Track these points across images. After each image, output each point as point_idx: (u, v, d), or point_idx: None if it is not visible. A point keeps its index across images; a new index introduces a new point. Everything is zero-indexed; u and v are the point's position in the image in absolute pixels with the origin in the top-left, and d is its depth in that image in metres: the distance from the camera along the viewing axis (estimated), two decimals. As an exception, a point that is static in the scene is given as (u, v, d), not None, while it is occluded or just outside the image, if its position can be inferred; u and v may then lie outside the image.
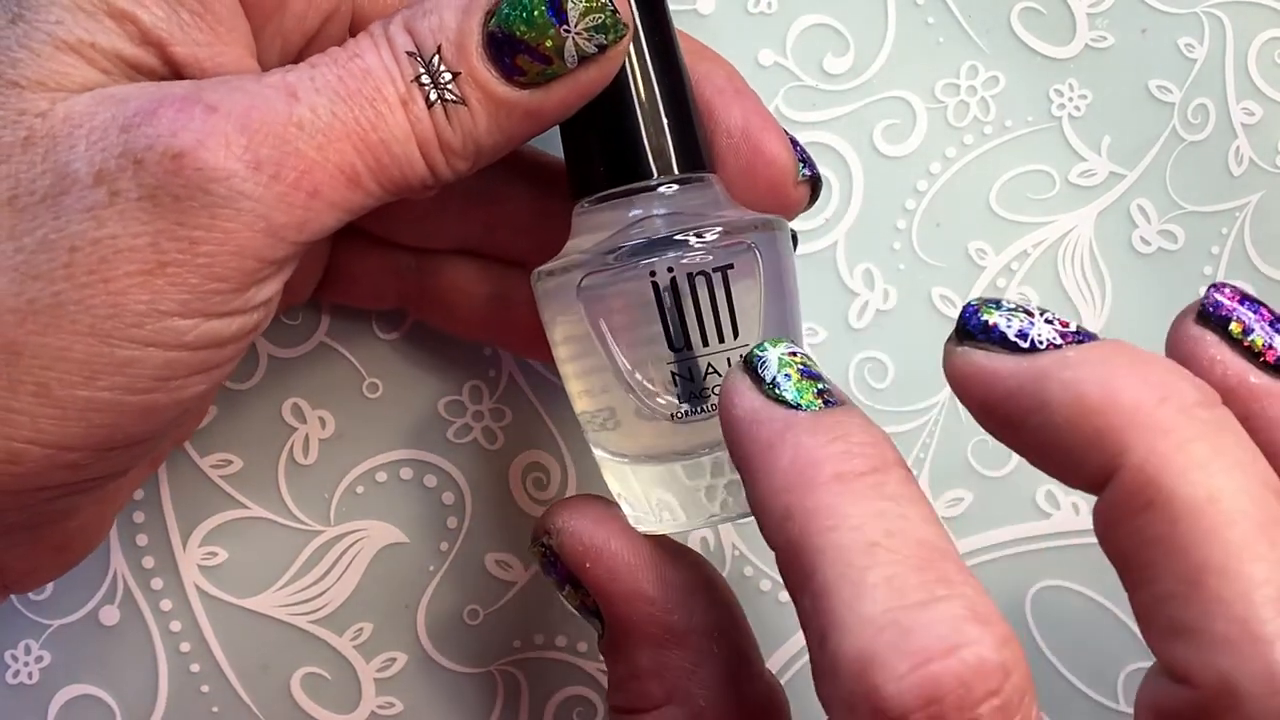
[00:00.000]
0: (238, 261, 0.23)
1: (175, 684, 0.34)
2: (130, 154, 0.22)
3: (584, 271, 0.26)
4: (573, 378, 0.27)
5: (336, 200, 0.23)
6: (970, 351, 0.22)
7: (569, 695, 0.35)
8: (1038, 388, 0.21)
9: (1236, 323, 0.23)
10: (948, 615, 0.19)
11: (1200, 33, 0.37)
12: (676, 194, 0.26)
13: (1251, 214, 0.37)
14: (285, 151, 0.23)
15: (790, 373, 0.23)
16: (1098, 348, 0.21)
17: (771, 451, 0.22)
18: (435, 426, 0.35)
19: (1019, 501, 0.36)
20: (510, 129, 0.25)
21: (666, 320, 0.26)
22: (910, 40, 0.36)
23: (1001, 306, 0.22)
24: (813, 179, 0.29)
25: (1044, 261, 0.37)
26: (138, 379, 0.23)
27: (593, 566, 0.27)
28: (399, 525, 0.35)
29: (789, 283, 0.27)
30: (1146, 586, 0.20)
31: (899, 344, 0.36)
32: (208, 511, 0.34)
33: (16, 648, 0.34)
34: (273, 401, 0.34)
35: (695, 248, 0.25)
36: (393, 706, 0.35)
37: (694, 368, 0.26)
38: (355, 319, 0.35)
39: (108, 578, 0.34)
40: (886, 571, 0.20)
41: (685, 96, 0.27)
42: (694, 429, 0.26)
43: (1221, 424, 0.20)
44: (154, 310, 0.22)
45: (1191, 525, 0.19)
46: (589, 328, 0.26)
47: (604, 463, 0.28)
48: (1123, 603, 0.36)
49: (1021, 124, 0.37)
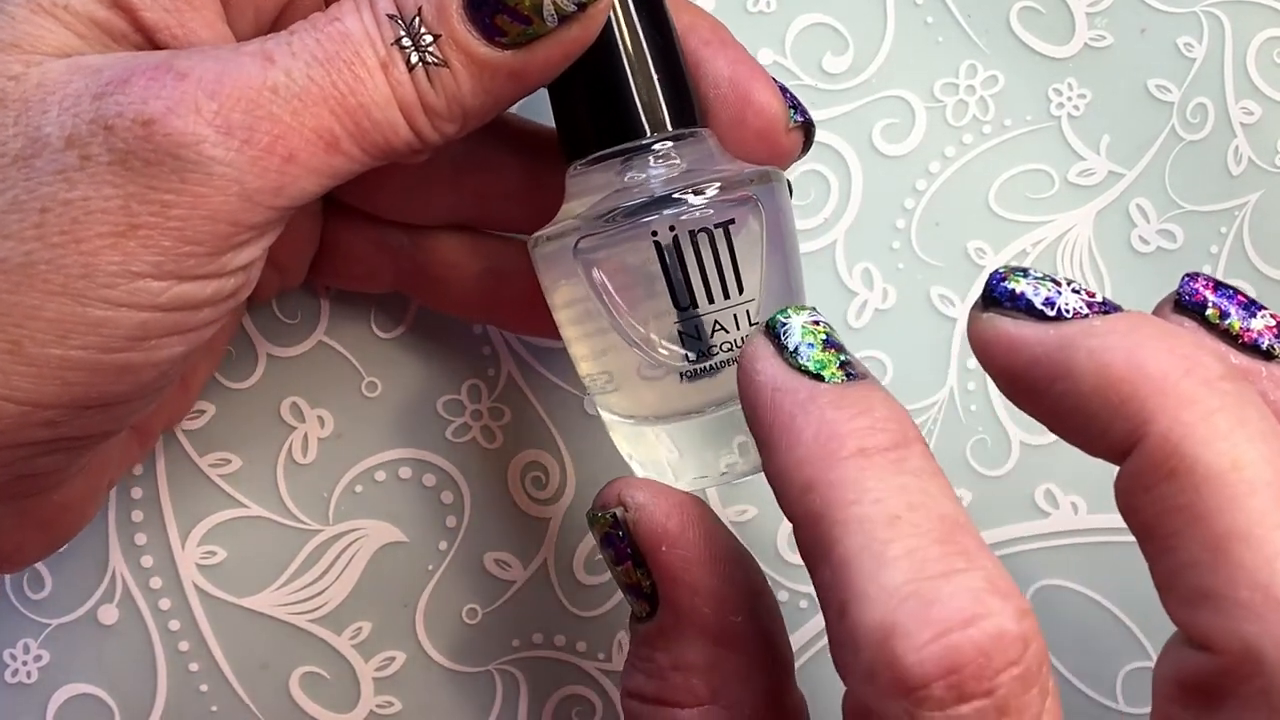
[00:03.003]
0: (211, 226, 0.23)
1: (174, 683, 0.34)
2: (101, 120, 0.22)
3: (582, 234, 0.26)
4: (576, 341, 0.27)
5: (315, 165, 0.24)
6: (995, 318, 0.22)
7: (568, 694, 0.35)
8: (1063, 355, 0.21)
9: (1213, 309, 0.23)
10: (968, 587, 0.19)
11: (1199, 32, 0.37)
12: (671, 150, 0.26)
13: (1250, 213, 0.37)
14: (258, 116, 0.23)
15: (814, 341, 0.23)
16: (1124, 318, 0.22)
17: (794, 423, 0.22)
18: (434, 425, 0.35)
19: (1018, 501, 0.36)
20: (495, 90, 0.25)
21: (671, 279, 0.25)
22: (909, 39, 0.36)
23: (1028, 274, 0.22)
24: (805, 124, 0.29)
25: (1043, 261, 0.37)
26: (111, 339, 0.23)
27: (669, 550, 0.26)
28: (398, 524, 0.35)
29: (789, 234, 0.27)
30: (1169, 554, 0.20)
31: (898, 343, 0.36)
32: (206, 510, 0.34)
33: (15, 646, 0.34)
34: (271, 400, 0.34)
35: (695, 205, 0.25)
36: (391, 706, 0.35)
37: (700, 325, 0.26)
38: (354, 318, 0.35)
39: (106, 577, 0.34)
40: (908, 544, 0.20)
41: (674, 51, 0.27)
42: (701, 386, 0.26)
43: (1244, 396, 0.20)
44: (126, 271, 0.23)
45: (1215, 492, 0.19)
46: (590, 290, 0.26)
47: (612, 425, 0.28)
48: (1122, 602, 0.36)
49: (1020, 123, 0.37)
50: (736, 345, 0.26)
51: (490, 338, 0.35)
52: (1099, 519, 0.36)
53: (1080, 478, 0.36)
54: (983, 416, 0.36)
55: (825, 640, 0.35)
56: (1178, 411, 0.20)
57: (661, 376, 0.26)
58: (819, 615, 0.35)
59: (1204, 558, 0.19)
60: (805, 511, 0.21)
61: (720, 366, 0.26)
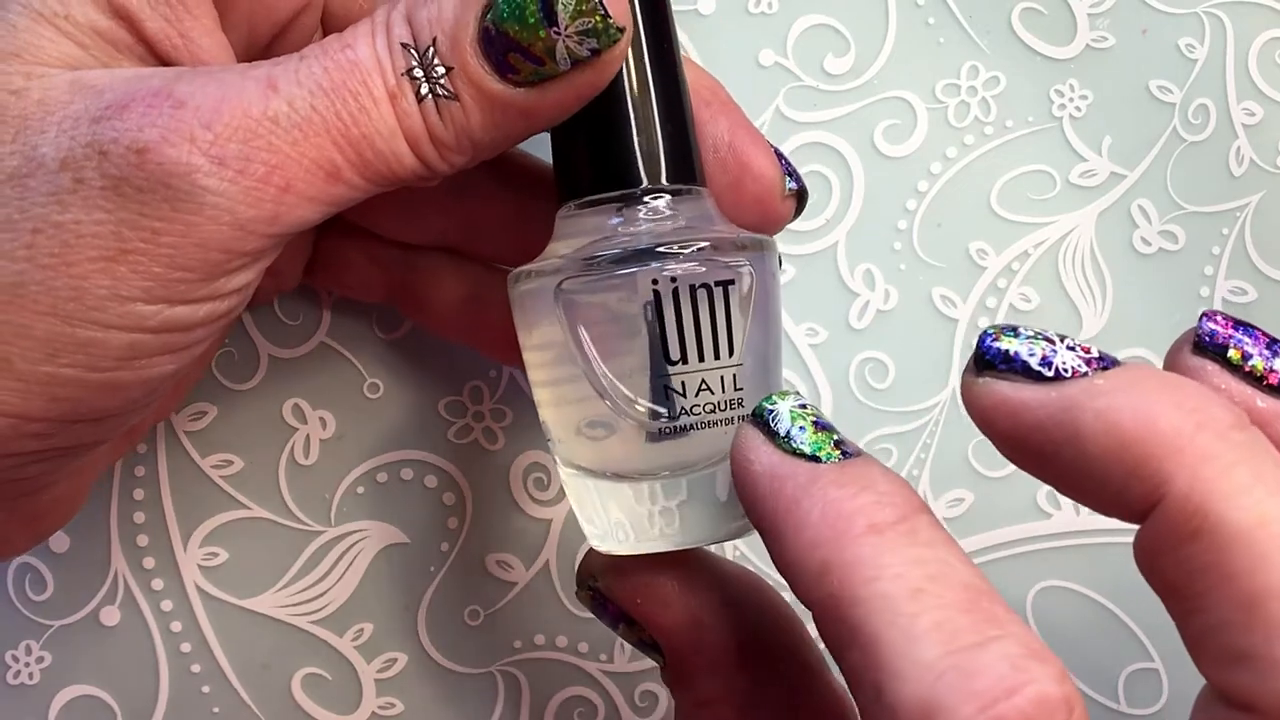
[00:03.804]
0: (202, 253, 0.23)
1: (176, 684, 0.34)
2: (97, 144, 0.22)
3: (565, 275, 0.25)
4: (544, 385, 0.27)
5: (313, 194, 0.23)
6: (992, 382, 0.22)
7: (570, 696, 0.35)
8: (1069, 418, 0.20)
9: (1235, 349, 0.22)
10: (1005, 654, 0.19)
11: (1201, 33, 0.37)
12: (668, 203, 0.26)
13: (1252, 214, 0.37)
14: (255, 146, 0.23)
15: (804, 424, 0.22)
16: (1126, 373, 0.21)
17: (799, 507, 0.21)
18: (436, 427, 0.35)
19: (1020, 502, 0.36)
20: (505, 127, 0.25)
21: (665, 332, 0.25)
22: (911, 40, 0.36)
23: (1020, 334, 0.22)
24: (799, 192, 0.29)
25: (1045, 262, 0.37)
26: (100, 358, 0.23)
27: (644, 601, 0.26)
28: (400, 526, 0.35)
29: (775, 303, 0.27)
30: (1199, 615, 0.20)
31: (900, 344, 0.36)
32: (208, 512, 0.34)
33: (17, 648, 0.34)
34: (273, 402, 0.34)
35: (693, 259, 0.25)
36: (393, 707, 0.35)
37: (686, 383, 0.25)
38: (356, 319, 0.35)
39: (108, 578, 0.34)
40: (936, 616, 0.19)
41: (682, 106, 0.26)
42: (665, 448, 0.25)
43: (1257, 445, 0.20)
44: (115, 295, 0.23)
45: (1244, 551, 0.19)
46: (567, 334, 0.25)
47: (568, 477, 0.27)
48: (1125, 603, 0.36)
49: (1022, 124, 0.37)
50: (718, 408, 0.25)
51: (492, 339, 0.35)
52: (1101, 520, 0.36)
53: (1082, 479, 0.36)
54: (984, 418, 0.36)
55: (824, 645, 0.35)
56: (1196, 469, 0.19)
57: (626, 432, 0.26)
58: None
59: (1237, 617, 0.19)
60: (824, 595, 0.20)
61: (689, 428, 0.25)
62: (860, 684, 0.20)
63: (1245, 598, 0.19)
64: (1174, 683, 0.36)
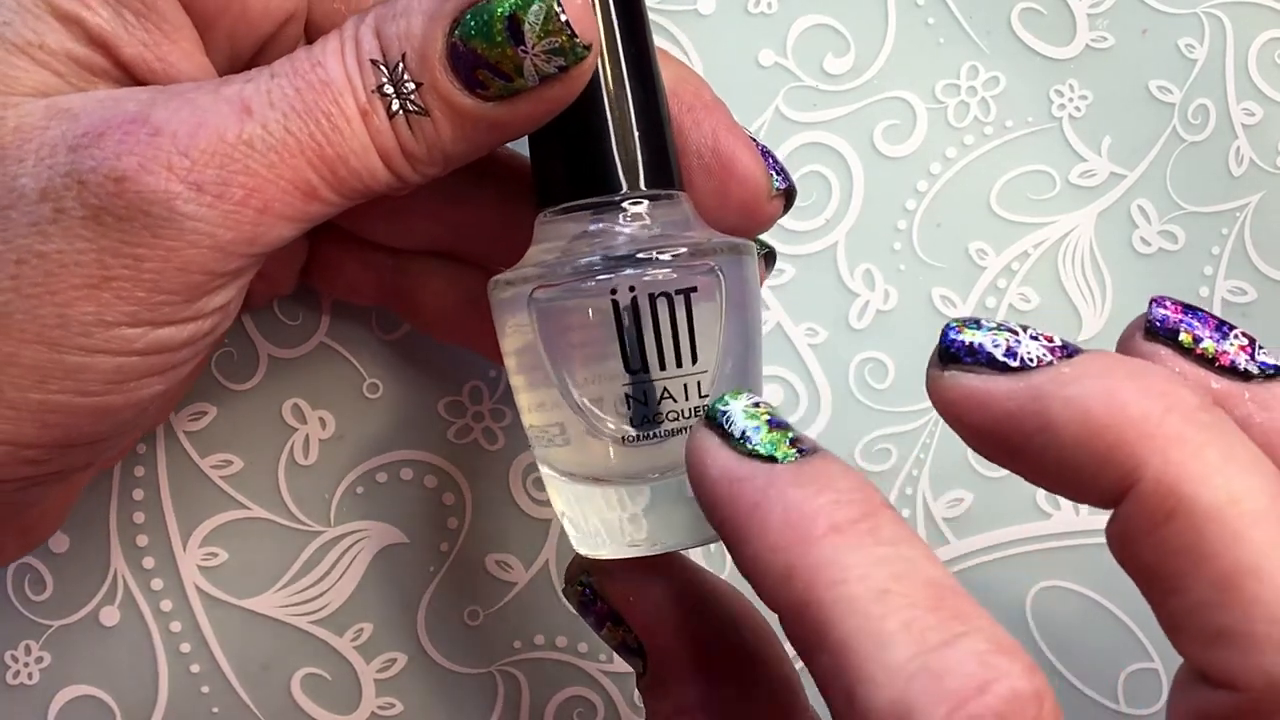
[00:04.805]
0: (184, 277, 0.23)
1: (175, 684, 0.34)
2: (75, 174, 0.22)
3: (538, 283, 0.25)
4: (521, 390, 0.27)
5: (290, 214, 0.24)
6: (958, 375, 0.21)
7: (569, 696, 0.35)
8: (1039, 407, 0.21)
9: (1185, 333, 0.22)
10: (973, 651, 0.19)
11: (1200, 33, 0.37)
12: (643, 211, 0.26)
13: (1252, 214, 0.37)
14: (232, 171, 0.23)
15: (759, 424, 0.22)
16: (1091, 360, 0.21)
17: (758, 510, 0.21)
18: (435, 427, 0.35)
19: (1019, 502, 0.36)
20: (476, 139, 0.25)
21: (624, 340, 0.25)
22: (911, 41, 0.36)
23: (983, 326, 0.22)
24: (786, 190, 0.29)
25: (1044, 262, 0.37)
26: (89, 383, 0.23)
27: (637, 600, 0.26)
28: (399, 526, 0.35)
29: (752, 309, 0.26)
30: (1176, 596, 0.20)
31: (899, 344, 0.36)
32: (208, 512, 0.34)
33: (17, 648, 0.34)
34: (273, 402, 0.34)
35: (657, 267, 0.25)
36: (393, 707, 0.35)
37: (649, 391, 0.25)
38: (356, 319, 0.35)
39: (108, 578, 0.34)
40: (903, 616, 0.19)
41: (659, 111, 0.26)
42: (644, 451, 0.25)
43: (1224, 425, 0.20)
44: (101, 320, 0.23)
45: (1219, 530, 0.19)
46: (538, 341, 0.25)
47: (548, 480, 0.27)
48: (1124, 603, 0.36)
49: (1022, 124, 0.37)
50: (683, 415, 0.25)
51: (492, 339, 0.35)
52: (1101, 520, 0.36)
53: (1082, 479, 0.36)
54: (984, 418, 0.36)
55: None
56: (1167, 452, 0.20)
57: (601, 438, 0.26)
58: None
59: (1215, 596, 0.19)
60: (789, 599, 0.20)
61: (664, 435, 0.25)
62: (831, 688, 0.20)
63: (1221, 577, 0.19)
64: (1174, 683, 0.36)
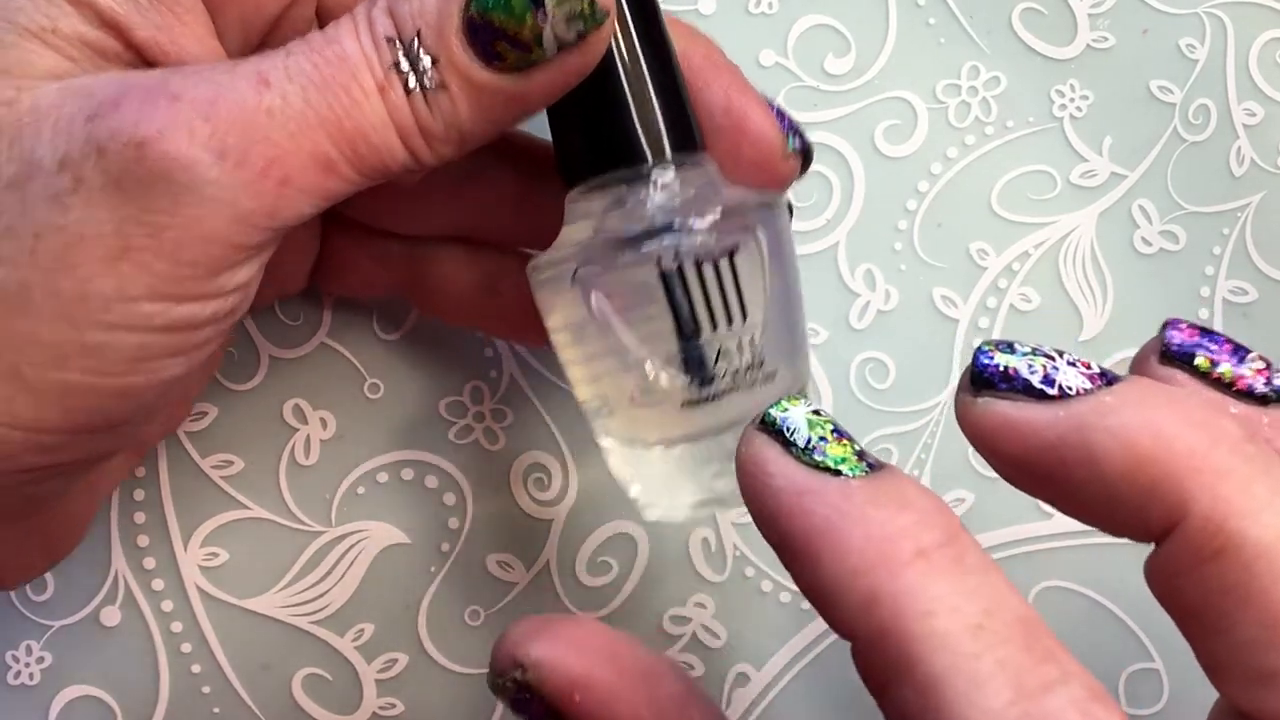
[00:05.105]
0: (205, 248, 0.23)
1: (176, 685, 0.34)
2: (94, 142, 0.22)
3: (580, 262, 0.25)
4: (574, 364, 0.27)
5: (309, 187, 0.23)
6: (993, 402, 0.20)
7: (570, 696, 0.35)
8: (1081, 438, 0.19)
9: (1202, 357, 0.22)
10: (1072, 699, 0.18)
11: (1201, 33, 0.37)
12: (672, 176, 0.26)
13: (1253, 214, 0.37)
14: (253, 139, 0.22)
15: (824, 434, 0.20)
16: (1133, 389, 0.20)
17: (834, 530, 0.19)
18: (436, 427, 0.35)
19: (1020, 502, 0.36)
20: (494, 115, 0.24)
21: (676, 308, 0.25)
22: (911, 41, 0.36)
23: (1016, 350, 0.20)
24: (803, 150, 0.28)
25: (1045, 262, 0.37)
26: (110, 362, 0.23)
27: (583, 698, 0.23)
28: (400, 526, 0.35)
29: (790, 258, 0.27)
30: (1220, 635, 0.19)
31: (900, 345, 0.36)
32: (209, 512, 0.34)
33: (18, 648, 0.34)
34: (274, 402, 0.34)
35: (697, 232, 0.25)
36: (394, 707, 0.35)
37: (704, 353, 0.25)
38: (356, 320, 0.35)
39: (109, 579, 0.34)
40: (998, 655, 0.18)
41: (674, 74, 0.26)
42: (705, 410, 0.26)
43: (1268, 458, 0.19)
44: (121, 295, 0.22)
45: (1268, 568, 0.18)
46: (591, 317, 0.26)
47: (610, 452, 0.27)
48: (1125, 604, 0.36)
49: (1023, 124, 0.37)
50: (740, 372, 0.26)
51: (493, 340, 0.35)
52: (1101, 520, 0.36)
53: (1083, 479, 0.36)
54: (985, 418, 0.36)
55: (827, 642, 0.35)
56: (1215, 487, 0.19)
57: (661, 403, 0.26)
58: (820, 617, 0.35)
59: (1262, 636, 0.18)
60: (869, 627, 0.19)
61: (722, 394, 0.26)
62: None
63: (1270, 616, 0.18)
64: (1174, 683, 0.36)
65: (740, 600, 0.35)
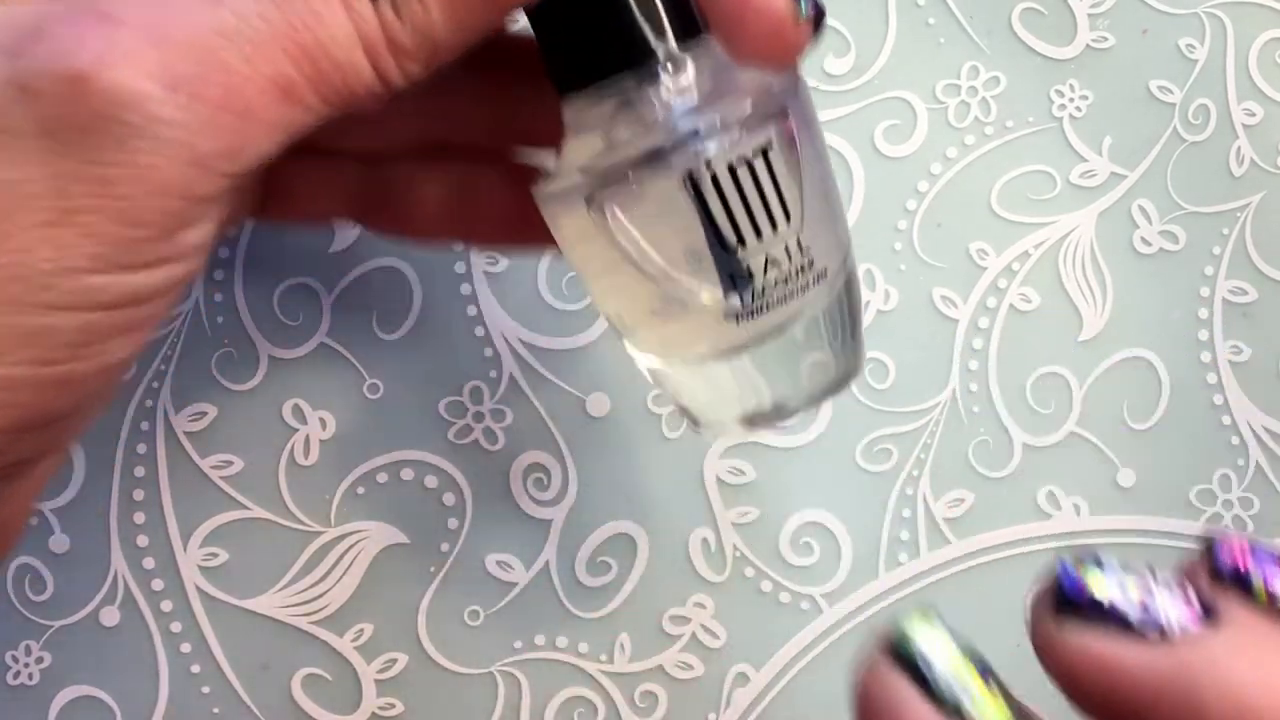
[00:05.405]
0: (160, 201, 0.19)
1: (176, 685, 0.34)
2: (18, 81, 0.19)
3: (598, 185, 0.23)
4: (597, 280, 0.25)
5: (272, 119, 0.20)
6: (1083, 634, 0.17)
7: (570, 696, 0.35)
8: (1188, 688, 0.17)
9: (1258, 581, 0.19)
10: None
11: (1201, 33, 0.37)
12: (684, 70, 0.23)
13: (1253, 214, 0.37)
14: (207, 65, 0.19)
15: (972, 678, 0.17)
16: (1237, 634, 0.17)
17: None
18: (436, 427, 0.35)
19: (1021, 502, 0.36)
20: (469, 20, 0.22)
21: (714, 221, 0.22)
22: (911, 41, 0.36)
23: (1106, 568, 0.18)
24: (816, 14, 0.24)
25: (1045, 262, 0.37)
26: (51, 349, 0.20)
27: None
28: (400, 526, 0.35)
29: (820, 139, 0.24)
30: None
31: (900, 344, 0.36)
32: (208, 512, 0.34)
33: (17, 649, 0.34)
34: (273, 402, 0.34)
35: (724, 134, 0.22)
36: (393, 707, 0.35)
37: (750, 265, 0.23)
38: (356, 320, 0.35)
39: (108, 579, 0.34)
40: None
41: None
42: (752, 323, 0.23)
43: None
44: (62, 268, 0.19)
45: None
46: (616, 242, 0.23)
47: (658, 375, 0.25)
48: (1124, 604, 0.36)
49: (1022, 124, 0.37)
50: (793, 277, 0.23)
51: (493, 340, 0.35)
52: (1101, 521, 0.36)
53: (1083, 480, 0.36)
54: (985, 418, 0.36)
55: (827, 642, 0.35)
56: None
57: (701, 315, 0.23)
58: (820, 616, 0.35)
59: None
60: None
61: (776, 302, 0.23)
62: None
63: None
64: (1174, 683, 0.36)
65: (740, 600, 0.35)
